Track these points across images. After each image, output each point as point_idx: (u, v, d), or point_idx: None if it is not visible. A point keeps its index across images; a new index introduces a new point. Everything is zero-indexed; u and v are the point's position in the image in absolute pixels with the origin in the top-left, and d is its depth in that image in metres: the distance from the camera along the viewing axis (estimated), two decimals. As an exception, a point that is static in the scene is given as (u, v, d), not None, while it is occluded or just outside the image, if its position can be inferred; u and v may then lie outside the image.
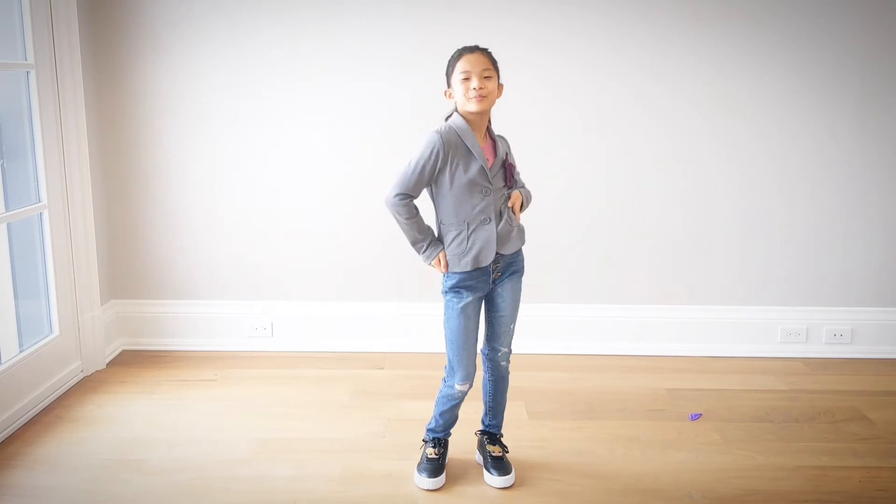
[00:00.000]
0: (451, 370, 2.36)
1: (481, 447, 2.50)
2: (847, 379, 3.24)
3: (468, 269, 2.27)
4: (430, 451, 2.43)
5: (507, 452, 2.47)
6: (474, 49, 2.23)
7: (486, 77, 2.20)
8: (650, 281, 3.46)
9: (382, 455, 2.58)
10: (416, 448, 2.53)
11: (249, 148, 3.36)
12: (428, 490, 2.38)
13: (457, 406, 2.42)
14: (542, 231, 3.39)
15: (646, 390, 3.11)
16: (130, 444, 2.64)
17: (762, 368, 3.34)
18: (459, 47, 2.26)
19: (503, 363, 2.42)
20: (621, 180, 3.39)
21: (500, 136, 2.37)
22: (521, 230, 2.36)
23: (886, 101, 3.29)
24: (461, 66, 2.21)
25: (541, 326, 3.46)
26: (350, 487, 2.39)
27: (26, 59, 2.88)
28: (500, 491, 2.38)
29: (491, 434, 2.49)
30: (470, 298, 2.30)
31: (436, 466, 2.41)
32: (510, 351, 2.42)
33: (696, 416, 2.87)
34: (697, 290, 3.47)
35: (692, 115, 3.32)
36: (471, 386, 2.37)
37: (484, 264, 2.27)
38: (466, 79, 2.20)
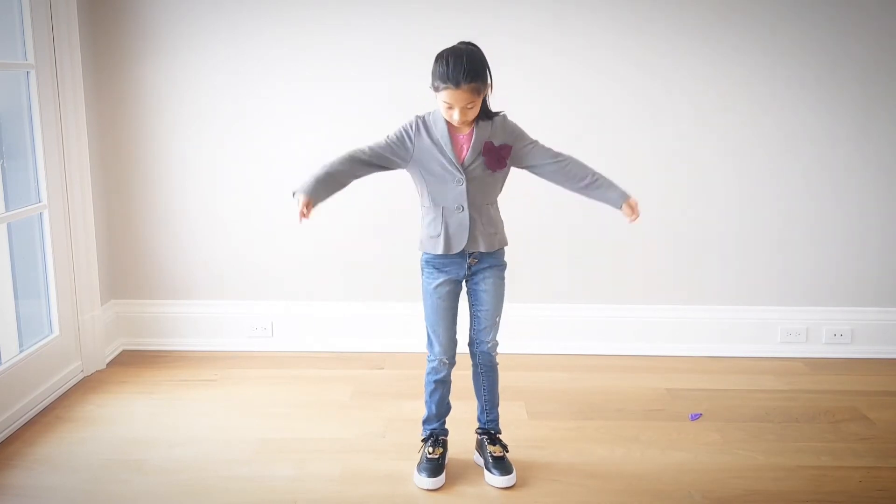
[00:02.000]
0: (430, 343, 2.43)
1: (480, 448, 2.50)
2: (847, 379, 3.24)
3: (438, 252, 2.31)
4: (430, 451, 2.43)
5: (508, 452, 2.47)
6: (458, 84, 2.14)
7: (469, 108, 2.19)
8: (650, 281, 3.46)
9: (382, 455, 2.58)
10: (416, 448, 2.53)
11: (249, 148, 3.36)
12: (428, 490, 2.37)
13: (443, 384, 2.43)
14: (541, 231, 3.40)
15: (646, 390, 3.11)
16: (130, 444, 2.64)
17: (762, 368, 3.34)
18: (446, 69, 2.14)
19: (493, 353, 2.44)
20: (621, 180, 3.36)
21: (491, 120, 2.30)
22: (497, 235, 2.36)
23: (886, 103, 3.29)
24: (444, 96, 2.18)
25: (541, 326, 3.46)
26: (350, 487, 2.39)
27: (26, 59, 2.88)
28: (500, 491, 2.38)
29: (490, 434, 2.49)
30: (442, 279, 2.35)
31: (435, 466, 2.41)
32: (497, 342, 2.44)
33: (696, 416, 2.87)
34: (697, 290, 3.47)
35: (692, 116, 3.32)
36: (452, 361, 2.41)
37: (454, 251, 2.31)
38: (449, 108, 2.20)
